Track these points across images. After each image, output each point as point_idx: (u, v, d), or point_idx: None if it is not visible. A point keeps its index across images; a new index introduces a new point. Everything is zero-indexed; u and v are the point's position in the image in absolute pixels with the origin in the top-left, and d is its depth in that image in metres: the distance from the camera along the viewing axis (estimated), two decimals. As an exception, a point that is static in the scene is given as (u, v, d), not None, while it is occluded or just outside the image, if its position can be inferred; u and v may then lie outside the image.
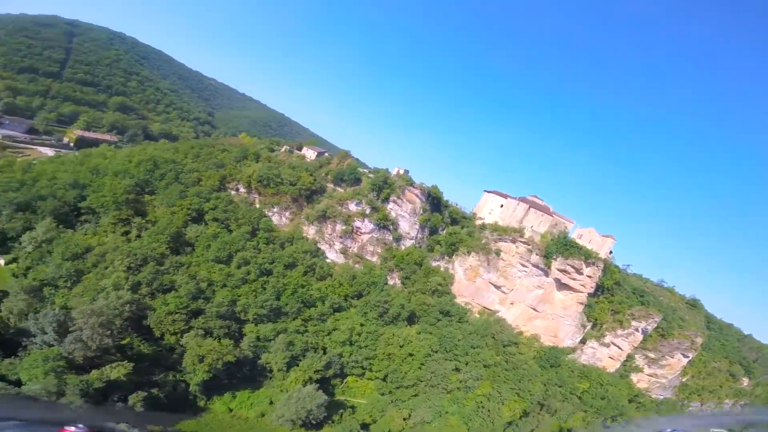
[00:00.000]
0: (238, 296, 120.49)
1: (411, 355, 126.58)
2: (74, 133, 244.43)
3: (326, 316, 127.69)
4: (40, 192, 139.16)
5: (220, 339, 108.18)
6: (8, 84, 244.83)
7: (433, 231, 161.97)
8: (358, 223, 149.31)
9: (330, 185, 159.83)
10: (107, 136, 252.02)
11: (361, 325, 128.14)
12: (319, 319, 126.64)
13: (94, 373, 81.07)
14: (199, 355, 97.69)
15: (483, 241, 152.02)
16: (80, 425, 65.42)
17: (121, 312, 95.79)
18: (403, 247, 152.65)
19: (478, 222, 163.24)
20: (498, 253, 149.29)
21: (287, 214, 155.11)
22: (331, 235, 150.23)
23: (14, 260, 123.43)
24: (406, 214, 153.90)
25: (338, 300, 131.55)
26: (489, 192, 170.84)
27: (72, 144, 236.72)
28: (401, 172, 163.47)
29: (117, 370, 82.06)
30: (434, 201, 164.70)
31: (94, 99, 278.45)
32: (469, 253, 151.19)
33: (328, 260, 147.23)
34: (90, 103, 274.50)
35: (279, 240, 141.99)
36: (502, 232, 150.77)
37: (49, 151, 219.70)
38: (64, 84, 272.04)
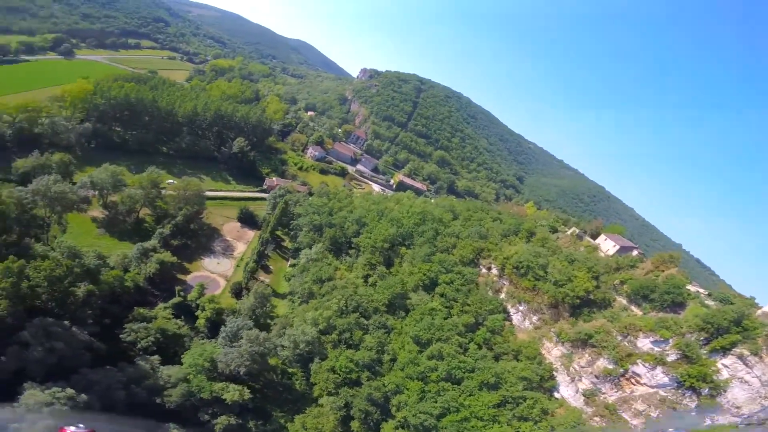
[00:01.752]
0: (405, 388, 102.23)
1: None
2: (398, 176, 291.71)
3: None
4: (334, 221, 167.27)
5: (351, 420, 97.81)
6: (375, 129, 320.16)
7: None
8: (641, 368, 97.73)
9: (621, 300, 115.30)
10: (419, 184, 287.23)
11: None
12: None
13: (216, 385, 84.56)
14: (306, 426, 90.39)
15: None
16: (80, 425, 63.74)
17: (296, 345, 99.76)
18: (708, 423, 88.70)
19: None
20: None
21: (535, 318, 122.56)
22: (583, 367, 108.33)
23: (293, 266, 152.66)
24: (755, 381, 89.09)
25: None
26: None
27: (394, 185, 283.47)
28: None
29: (233, 394, 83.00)
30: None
31: (422, 150, 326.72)
32: None
33: (556, 395, 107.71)
34: (419, 153, 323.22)
35: (500, 348, 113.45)
36: None
37: (377, 188, 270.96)
38: (407, 134, 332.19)
